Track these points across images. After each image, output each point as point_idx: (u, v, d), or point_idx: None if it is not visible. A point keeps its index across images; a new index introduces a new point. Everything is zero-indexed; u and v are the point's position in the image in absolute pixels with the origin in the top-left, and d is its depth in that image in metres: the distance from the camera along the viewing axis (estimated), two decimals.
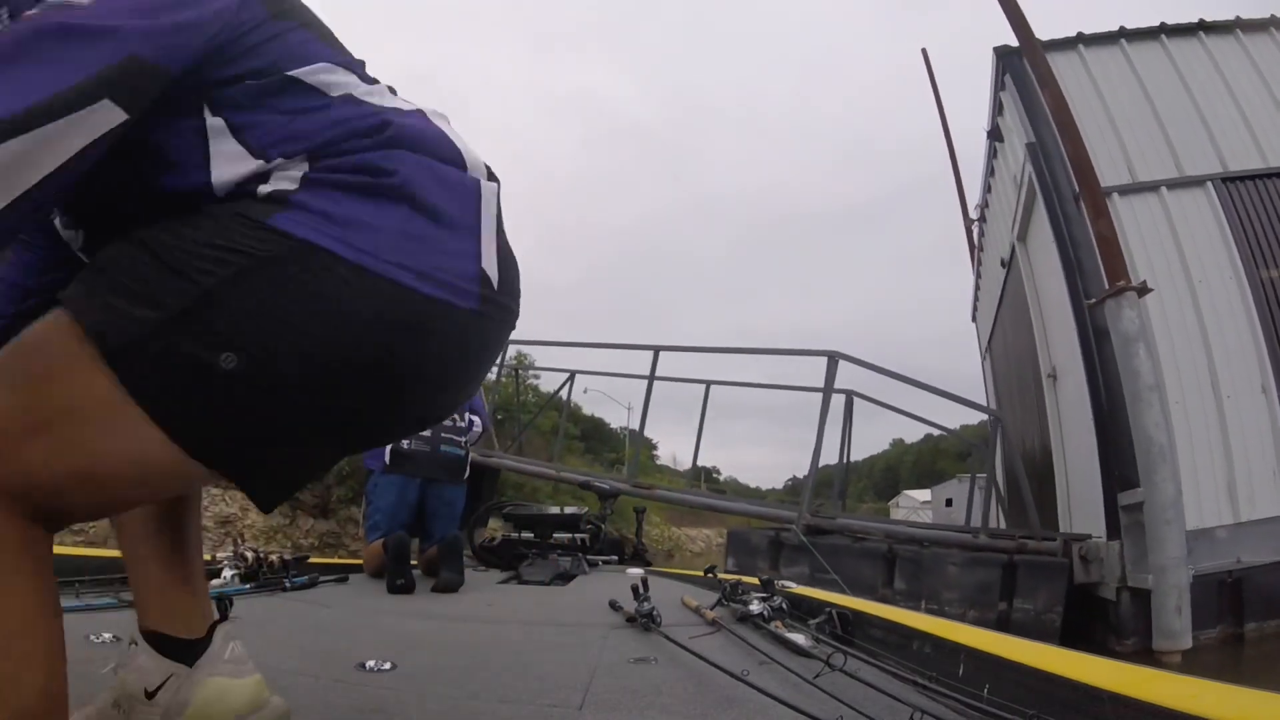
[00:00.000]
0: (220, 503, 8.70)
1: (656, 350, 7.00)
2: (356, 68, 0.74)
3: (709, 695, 1.15)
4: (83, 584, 1.78)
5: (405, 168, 0.67)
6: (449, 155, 0.73)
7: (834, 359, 5.69)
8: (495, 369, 9.10)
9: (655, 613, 1.70)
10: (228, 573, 2.19)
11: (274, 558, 2.37)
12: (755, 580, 2.21)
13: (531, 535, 3.78)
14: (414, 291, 0.65)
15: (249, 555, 2.30)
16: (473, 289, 0.69)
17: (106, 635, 1.29)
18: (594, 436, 25.01)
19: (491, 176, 0.78)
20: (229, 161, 0.65)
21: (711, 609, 1.86)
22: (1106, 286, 4.94)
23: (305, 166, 0.66)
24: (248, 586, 2.14)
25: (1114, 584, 4.82)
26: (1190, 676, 1.02)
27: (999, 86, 7.94)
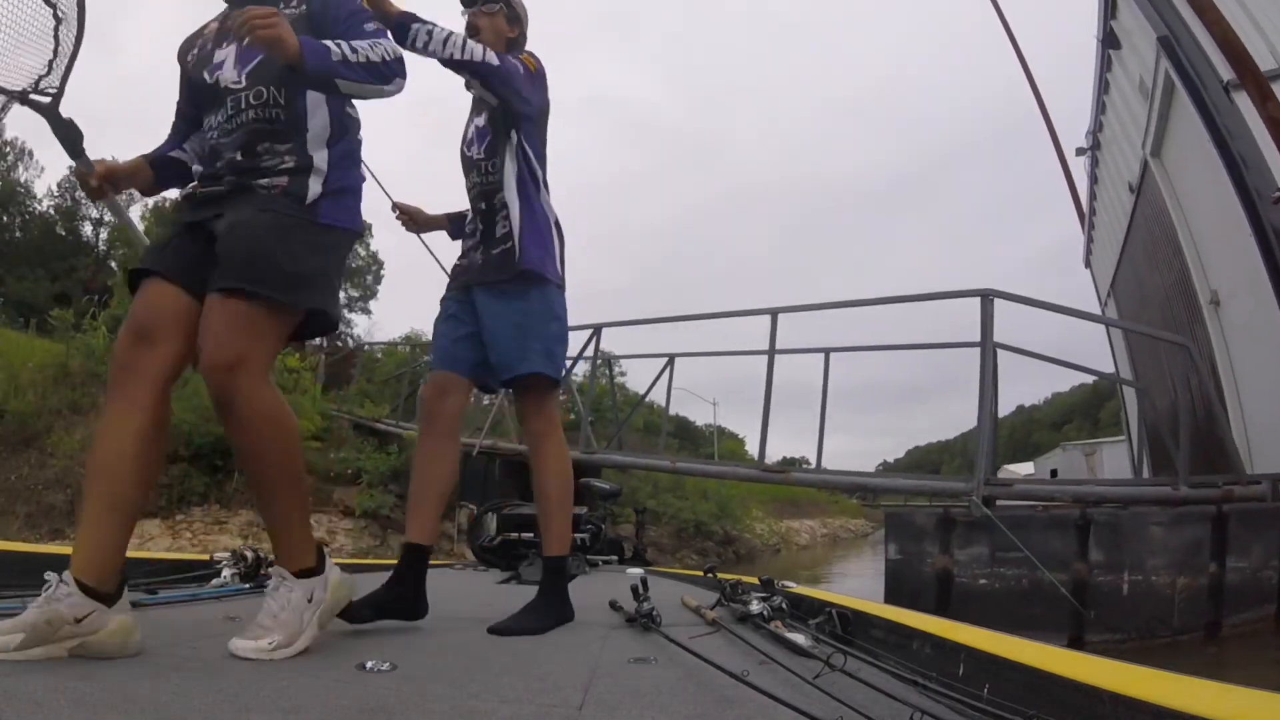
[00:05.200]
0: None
1: (774, 314, 6.04)
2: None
3: (709, 695, 1.15)
4: None
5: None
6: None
7: (988, 298, 4.77)
8: (586, 363, 8.45)
9: (655, 613, 1.70)
10: (227, 572, 2.19)
11: (274, 557, 2.36)
12: (755, 580, 2.21)
13: (531, 535, 3.77)
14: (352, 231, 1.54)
15: (249, 555, 2.30)
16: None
17: None
18: (681, 435, 24.62)
19: None
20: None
21: (711, 609, 1.86)
22: None
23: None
24: (247, 586, 2.14)
25: None
26: (1190, 677, 1.02)
27: None
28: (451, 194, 2.17)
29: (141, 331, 1.35)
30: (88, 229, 27.09)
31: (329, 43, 1.39)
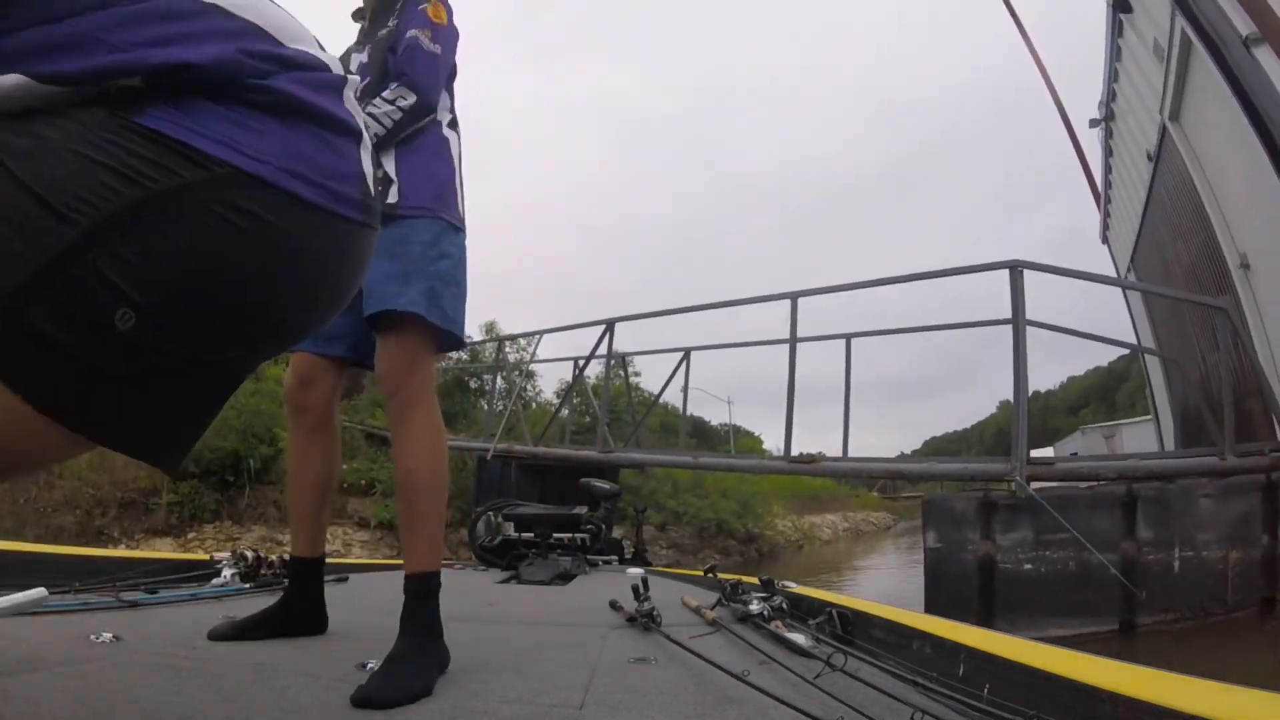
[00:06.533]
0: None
1: (794, 298, 5.76)
2: None
3: (709, 695, 1.15)
4: (82, 584, 1.78)
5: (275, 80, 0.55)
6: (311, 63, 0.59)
7: (1017, 270, 4.56)
8: (597, 363, 8.20)
9: (655, 613, 1.70)
10: (227, 572, 2.19)
11: (274, 557, 2.36)
12: (755, 580, 2.21)
13: (531, 535, 3.78)
14: (315, 207, 0.54)
15: (249, 555, 2.30)
16: (356, 197, 0.58)
17: (106, 635, 1.29)
18: (696, 435, 24.58)
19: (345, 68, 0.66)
20: None
21: (711, 609, 1.86)
22: None
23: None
24: (248, 586, 2.14)
25: None
26: (1190, 677, 1.02)
27: None
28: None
29: None
30: None
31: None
